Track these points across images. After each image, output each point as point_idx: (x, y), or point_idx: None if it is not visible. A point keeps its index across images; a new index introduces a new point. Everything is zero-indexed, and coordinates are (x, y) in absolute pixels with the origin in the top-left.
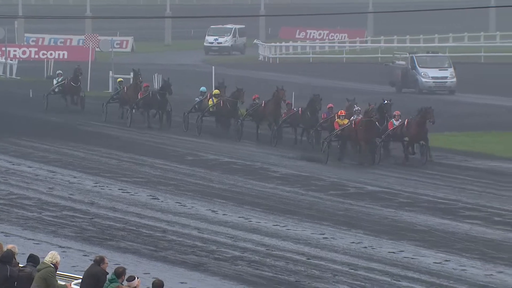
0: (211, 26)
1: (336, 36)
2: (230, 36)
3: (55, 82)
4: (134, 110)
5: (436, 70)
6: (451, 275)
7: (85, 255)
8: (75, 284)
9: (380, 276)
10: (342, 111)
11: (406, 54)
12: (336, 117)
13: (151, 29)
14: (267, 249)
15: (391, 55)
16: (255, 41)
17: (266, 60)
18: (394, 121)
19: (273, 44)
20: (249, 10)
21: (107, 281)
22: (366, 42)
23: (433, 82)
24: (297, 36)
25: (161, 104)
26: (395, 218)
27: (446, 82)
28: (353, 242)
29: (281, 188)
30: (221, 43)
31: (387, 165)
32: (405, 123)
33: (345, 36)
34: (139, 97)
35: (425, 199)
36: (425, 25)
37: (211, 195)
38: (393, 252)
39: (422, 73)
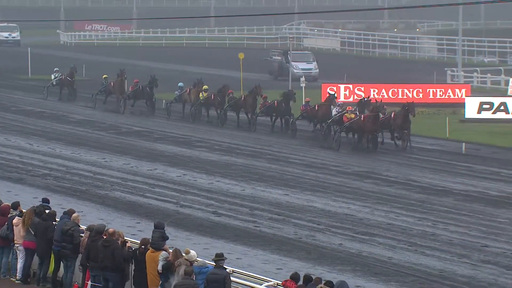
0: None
1: (112, 29)
2: (18, 32)
3: (53, 77)
4: (126, 100)
5: (304, 64)
6: (187, 183)
7: None
8: None
9: (141, 185)
10: (350, 106)
11: (281, 51)
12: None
13: None
14: (67, 169)
15: (152, 42)
16: (57, 31)
17: (65, 43)
18: (380, 114)
19: (69, 33)
20: (51, 11)
21: None
22: (132, 32)
23: (302, 72)
24: (86, 28)
25: (149, 95)
26: (152, 147)
27: (311, 72)
28: (124, 163)
29: (76, 129)
30: (14, 37)
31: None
32: (392, 115)
33: (118, 29)
34: (130, 90)
35: (171, 135)
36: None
37: (28, 133)
38: (151, 170)
39: (294, 66)
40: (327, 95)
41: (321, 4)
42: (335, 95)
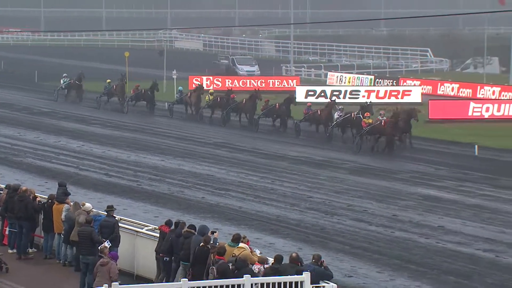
0: None
1: (19, 32)
2: None
3: (62, 81)
4: (129, 102)
5: (248, 66)
6: (85, 152)
7: None
8: None
9: (49, 153)
10: (367, 113)
11: (228, 56)
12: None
13: None
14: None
15: (57, 42)
16: None
17: None
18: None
19: None
20: None
21: None
22: (40, 35)
23: (247, 73)
24: (3, 31)
25: (150, 98)
26: (58, 125)
27: (254, 73)
28: (35, 137)
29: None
30: None
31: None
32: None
33: (29, 32)
34: (132, 92)
35: (72, 115)
36: (70, 26)
37: None
38: (56, 141)
39: (240, 68)
40: (329, 101)
41: (189, 16)
42: (336, 100)
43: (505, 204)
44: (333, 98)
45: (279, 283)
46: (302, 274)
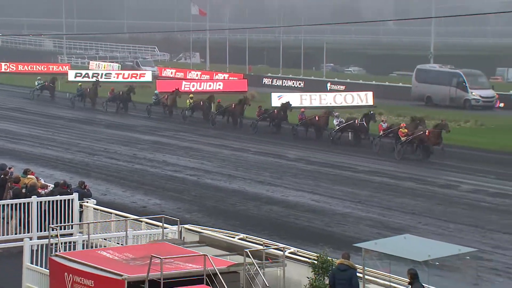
0: None
1: None
2: None
3: (36, 83)
4: (107, 102)
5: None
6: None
7: None
8: None
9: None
10: (403, 123)
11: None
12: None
13: None
14: None
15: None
16: None
17: None
18: (383, 124)
19: None
20: None
21: None
22: None
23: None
24: None
25: (126, 99)
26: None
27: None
28: None
29: None
30: None
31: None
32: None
33: None
34: (109, 95)
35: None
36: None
37: None
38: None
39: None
40: (326, 109)
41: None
42: (333, 108)
43: (205, 146)
44: (331, 107)
45: (55, 201)
46: (72, 195)
